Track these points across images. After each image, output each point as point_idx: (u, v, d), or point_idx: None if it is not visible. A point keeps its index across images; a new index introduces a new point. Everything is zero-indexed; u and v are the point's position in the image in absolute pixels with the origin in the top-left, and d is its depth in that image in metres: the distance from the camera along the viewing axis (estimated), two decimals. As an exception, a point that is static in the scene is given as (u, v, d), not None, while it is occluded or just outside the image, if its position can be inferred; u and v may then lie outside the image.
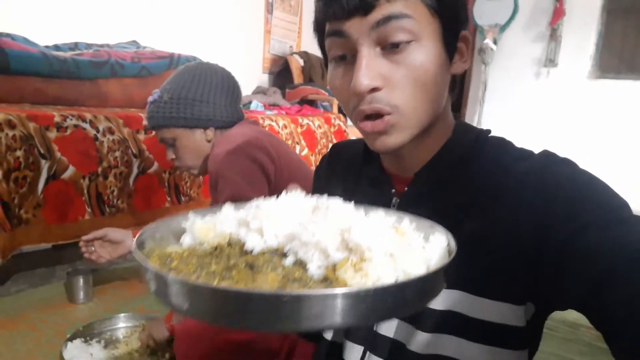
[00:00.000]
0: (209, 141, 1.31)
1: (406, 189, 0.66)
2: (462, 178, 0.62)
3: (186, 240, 0.46)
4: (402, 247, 0.40)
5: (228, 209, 0.49)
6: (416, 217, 0.50)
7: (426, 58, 0.56)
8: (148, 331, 1.29)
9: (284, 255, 0.41)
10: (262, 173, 1.23)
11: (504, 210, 0.56)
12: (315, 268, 0.38)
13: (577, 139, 3.88)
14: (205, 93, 1.28)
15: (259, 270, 0.38)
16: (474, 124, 0.68)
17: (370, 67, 0.55)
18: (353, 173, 0.76)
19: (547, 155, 0.59)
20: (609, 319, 0.45)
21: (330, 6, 0.56)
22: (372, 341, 0.68)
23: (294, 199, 0.50)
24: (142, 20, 2.85)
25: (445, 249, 0.43)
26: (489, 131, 0.67)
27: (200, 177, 2.14)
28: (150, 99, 1.30)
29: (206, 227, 0.45)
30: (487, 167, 0.61)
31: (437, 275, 0.38)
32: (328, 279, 0.37)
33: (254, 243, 0.42)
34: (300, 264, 0.39)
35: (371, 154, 0.72)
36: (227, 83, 1.34)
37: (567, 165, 0.57)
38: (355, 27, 0.55)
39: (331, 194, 0.77)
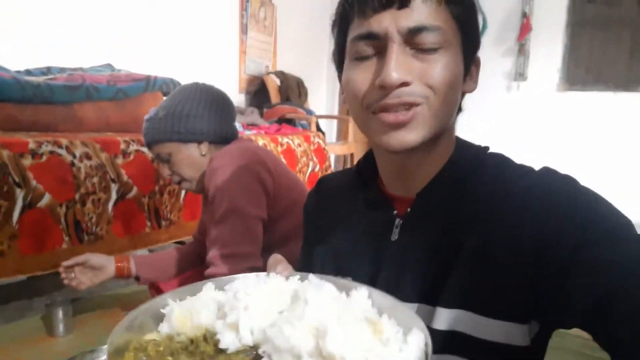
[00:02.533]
0: (203, 155, 1.31)
1: (409, 210, 0.65)
2: (464, 196, 0.62)
3: (164, 328, 0.47)
4: (377, 354, 0.40)
5: (208, 289, 0.50)
6: (397, 304, 0.49)
7: (453, 64, 0.58)
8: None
9: (259, 356, 0.41)
10: (260, 187, 1.23)
11: (505, 227, 0.56)
12: None
13: (548, 150, 3.99)
14: (200, 108, 1.29)
15: None
16: None
17: (401, 63, 0.55)
18: (346, 200, 0.76)
19: (547, 171, 0.60)
20: (612, 338, 0.45)
21: None
22: None
23: (274, 284, 0.50)
24: (116, 43, 2.82)
25: (422, 350, 0.42)
26: (487, 148, 0.67)
27: (181, 200, 2.10)
28: (146, 116, 1.32)
29: (183, 317, 0.47)
30: (488, 184, 0.61)
31: None
32: None
33: (229, 342, 0.43)
34: None
35: (367, 178, 0.72)
36: (220, 100, 1.36)
37: (568, 182, 0.57)
38: (388, 21, 0.55)
39: (323, 226, 0.77)
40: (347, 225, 0.74)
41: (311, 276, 0.52)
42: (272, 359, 0.41)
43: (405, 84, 0.56)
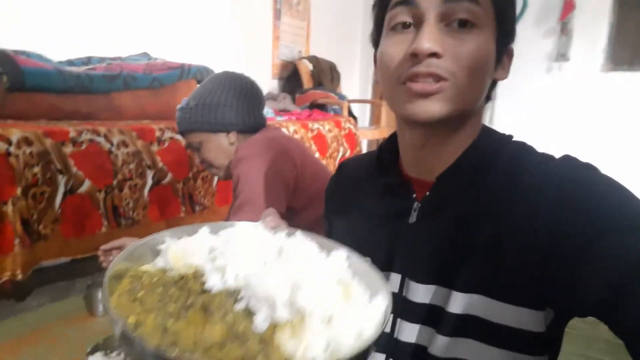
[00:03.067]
0: (232, 144, 1.36)
1: (428, 193, 0.66)
2: (483, 182, 0.62)
3: (159, 262, 0.52)
4: (343, 313, 0.45)
5: (203, 232, 0.55)
6: (371, 269, 0.54)
7: (485, 46, 0.59)
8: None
9: (237, 300, 0.46)
10: (280, 180, 1.26)
11: (522, 214, 0.56)
12: (261, 320, 0.43)
13: (591, 133, 3.84)
14: (229, 98, 1.33)
15: (211, 314, 0.44)
16: (486, 122, 0.69)
17: (435, 35, 0.57)
18: (366, 183, 0.77)
19: (567, 159, 0.59)
20: (628, 326, 0.45)
21: None
22: (393, 348, 0.68)
23: (264, 236, 0.55)
24: (152, 32, 2.89)
25: (383, 314, 0.47)
26: (511, 136, 0.67)
27: (214, 185, 2.16)
28: (178, 106, 1.37)
29: (177, 255, 0.51)
30: (507, 171, 0.61)
31: (362, 354, 0.41)
32: (264, 341, 0.42)
33: (214, 283, 0.47)
34: (249, 313, 0.44)
35: (388, 162, 0.73)
36: (249, 90, 1.39)
37: (588, 170, 0.57)
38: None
39: (343, 209, 0.79)
40: (366, 208, 0.75)
41: (298, 233, 0.57)
42: (250, 303, 0.45)
43: (435, 54, 0.57)
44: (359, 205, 0.77)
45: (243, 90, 1.37)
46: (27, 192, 1.49)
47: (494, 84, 0.65)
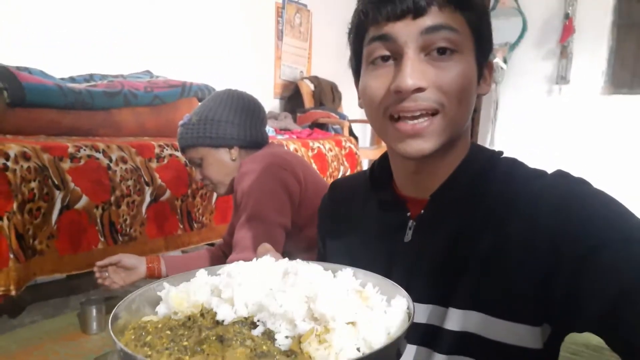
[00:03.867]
0: (233, 160, 1.35)
1: (422, 211, 0.66)
2: (477, 198, 0.62)
3: (161, 309, 0.48)
4: (365, 314, 0.43)
5: (201, 274, 0.52)
6: (380, 279, 0.52)
7: (466, 70, 0.58)
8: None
9: (254, 324, 0.43)
10: (285, 193, 1.25)
11: (518, 229, 0.56)
12: (282, 338, 0.41)
13: (591, 156, 3.83)
14: (231, 114, 1.33)
15: (229, 343, 0.40)
16: (487, 143, 0.69)
17: (416, 69, 0.56)
18: (360, 202, 0.76)
19: (561, 175, 0.59)
20: (626, 341, 0.44)
21: (382, 8, 0.57)
22: None
23: (265, 264, 0.52)
24: (155, 50, 2.92)
25: (405, 313, 0.45)
26: (501, 152, 0.67)
27: (212, 203, 2.15)
28: (180, 122, 1.37)
29: (180, 297, 0.48)
30: (501, 187, 0.61)
31: (394, 345, 0.40)
32: (294, 353, 0.40)
33: (225, 314, 0.44)
34: (269, 335, 0.42)
35: (381, 181, 0.72)
36: (251, 106, 1.40)
37: (582, 184, 0.56)
38: (404, 29, 0.56)
39: (337, 229, 0.78)
40: (361, 227, 0.74)
41: (298, 260, 0.55)
42: (267, 324, 0.43)
43: (420, 89, 0.56)
44: (353, 225, 0.76)
45: (245, 107, 1.38)
46: (23, 207, 1.48)
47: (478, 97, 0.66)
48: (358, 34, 0.63)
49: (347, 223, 0.77)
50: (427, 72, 0.57)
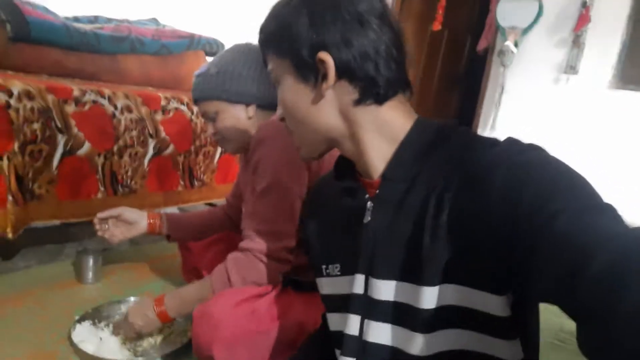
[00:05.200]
0: (249, 118, 1.28)
1: (377, 191, 0.67)
2: (429, 172, 0.62)
3: None
4: None
5: None
6: None
7: (285, 96, 0.70)
8: (131, 318, 1.20)
9: None
10: (304, 164, 1.19)
11: (473, 199, 0.56)
12: None
13: (593, 149, 3.83)
14: (252, 70, 1.25)
15: None
16: (488, 126, 0.70)
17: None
18: (332, 192, 0.78)
19: (513, 142, 0.59)
20: (578, 304, 0.43)
21: None
22: (362, 350, 0.68)
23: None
24: (163, -2, 2.80)
25: None
26: (452, 123, 0.67)
27: (215, 162, 2.10)
28: (197, 72, 1.29)
29: None
30: (452, 158, 0.60)
31: None
32: None
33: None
34: None
35: (345, 170, 0.75)
36: None
37: (534, 151, 0.56)
38: None
39: (314, 222, 0.82)
40: (331, 216, 0.77)
41: None
42: None
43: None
44: (327, 216, 0.79)
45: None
46: (24, 148, 1.42)
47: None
48: None
49: (323, 217, 0.81)
50: None
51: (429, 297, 0.59)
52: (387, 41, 0.63)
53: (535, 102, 4.14)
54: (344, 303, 0.71)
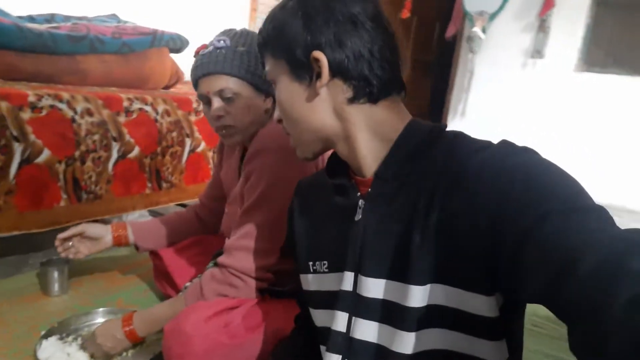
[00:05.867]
0: (266, 112, 1.19)
1: (369, 190, 0.68)
2: (420, 172, 0.63)
3: None
4: None
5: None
6: None
7: (282, 95, 0.70)
8: (99, 339, 1.15)
9: None
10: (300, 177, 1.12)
11: (462, 201, 0.56)
12: None
13: (561, 131, 3.91)
14: None
15: None
16: (458, 113, 0.70)
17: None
18: (322, 192, 0.79)
19: (505, 145, 0.59)
20: (567, 305, 0.44)
21: None
22: (348, 348, 0.68)
23: None
24: (123, -7, 2.71)
25: None
26: (444, 125, 0.67)
27: (183, 162, 2.06)
28: (216, 43, 1.14)
29: None
30: (444, 160, 0.61)
31: None
32: None
33: None
34: None
35: (337, 167, 0.75)
36: None
37: (525, 153, 0.56)
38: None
39: (302, 222, 0.81)
40: (321, 214, 0.79)
41: None
42: None
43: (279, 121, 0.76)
44: (315, 214, 0.80)
45: None
46: (-22, 159, 1.36)
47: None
48: None
49: (310, 214, 0.81)
50: None
51: (416, 296, 0.60)
52: (381, 42, 0.65)
53: (504, 87, 4.19)
54: (331, 300, 0.71)
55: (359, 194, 0.70)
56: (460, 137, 0.65)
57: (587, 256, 0.42)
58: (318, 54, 0.64)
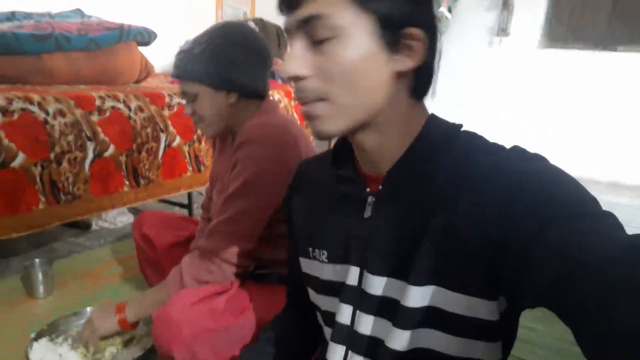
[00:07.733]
0: (230, 106, 1.21)
1: (380, 187, 0.67)
2: (433, 173, 0.62)
3: None
4: None
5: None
6: None
7: (354, 54, 0.57)
8: (91, 327, 1.19)
9: None
10: (285, 169, 1.10)
11: (470, 205, 0.57)
12: None
13: (528, 107, 4.02)
14: (240, 57, 1.17)
15: None
16: (429, 93, 0.71)
17: (299, 57, 0.59)
18: (324, 179, 0.77)
19: (516, 150, 0.60)
20: (575, 312, 0.44)
21: (278, 4, 0.62)
22: (352, 340, 0.69)
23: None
24: (85, -14, 2.65)
25: None
26: (460, 125, 0.67)
27: (159, 158, 2.06)
28: (181, 47, 1.20)
29: None
30: (456, 162, 0.61)
31: None
32: None
33: None
34: None
35: (343, 157, 0.73)
36: (264, 52, 1.24)
37: (535, 160, 0.57)
38: (289, 22, 0.61)
39: (301, 206, 0.81)
40: (323, 202, 0.76)
41: None
42: None
43: (297, 78, 0.59)
44: (316, 200, 0.78)
45: (255, 51, 1.20)
46: (-49, 167, 1.34)
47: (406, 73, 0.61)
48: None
49: (311, 199, 0.80)
50: (310, 60, 0.59)
51: (415, 296, 0.60)
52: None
53: (471, 66, 4.27)
54: (332, 288, 0.72)
55: (368, 189, 0.69)
56: (474, 140, 0.64)
57: (594, 260, 0.42)
58: (417, 31, 0.58)
